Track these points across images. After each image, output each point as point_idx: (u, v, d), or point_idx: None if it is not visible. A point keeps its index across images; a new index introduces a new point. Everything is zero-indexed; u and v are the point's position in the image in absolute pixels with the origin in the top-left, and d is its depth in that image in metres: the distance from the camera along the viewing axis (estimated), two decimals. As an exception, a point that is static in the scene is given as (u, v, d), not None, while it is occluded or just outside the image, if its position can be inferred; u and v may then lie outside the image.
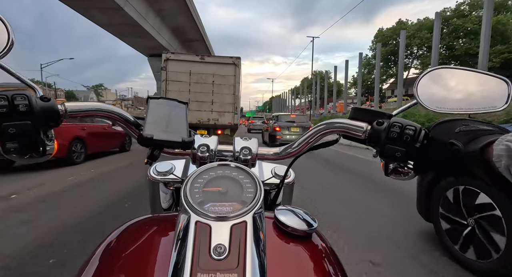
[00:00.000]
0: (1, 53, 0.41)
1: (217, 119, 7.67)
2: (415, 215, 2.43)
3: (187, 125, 0.50)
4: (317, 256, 0.40)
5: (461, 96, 0.48)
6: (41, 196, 3.48)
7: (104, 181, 4.39)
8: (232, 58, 7.55)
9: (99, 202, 3.26)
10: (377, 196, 3.60)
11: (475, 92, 0.48)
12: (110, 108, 0.50)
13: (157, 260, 0.36)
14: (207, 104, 7.64)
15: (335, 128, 0.52)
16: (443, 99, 0.48)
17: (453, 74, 0.50)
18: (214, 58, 7.61)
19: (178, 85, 7.53)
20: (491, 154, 0.36)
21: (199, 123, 7.61)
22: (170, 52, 7.57)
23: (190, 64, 7.48)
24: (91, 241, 2.16)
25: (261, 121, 21.60)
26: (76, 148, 5.95)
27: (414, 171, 0.48)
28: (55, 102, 0.43)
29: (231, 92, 7.63)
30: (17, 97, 0.38)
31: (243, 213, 0.34)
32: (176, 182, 0.61)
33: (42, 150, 0.43)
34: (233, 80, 7.59)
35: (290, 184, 0.65)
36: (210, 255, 0.30)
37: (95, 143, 6.70)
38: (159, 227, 0.45)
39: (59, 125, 0.44)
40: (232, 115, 7.68)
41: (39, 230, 2.44)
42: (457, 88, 0.48)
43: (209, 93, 7.62)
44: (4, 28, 0.42)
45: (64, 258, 1.98)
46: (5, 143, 0.39)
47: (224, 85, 7.61)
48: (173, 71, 7.48)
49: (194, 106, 7.59)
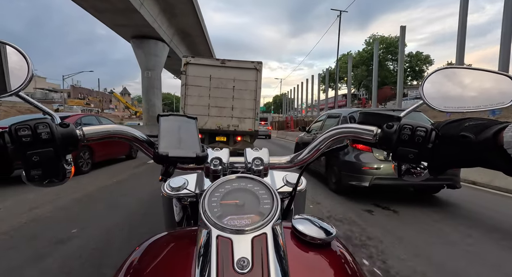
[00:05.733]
0: (22, 85, 0.42)
1: (237, 125, 7.45)
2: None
3: (199, 139, 0.51)
4: (338, 264, 0.41)
5: (468, 95, 0.48)
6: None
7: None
8: (254, 62, 7.35)
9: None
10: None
11: (482, 89, 0.48)
12: (125, 129, 0.51)
13: (181, 276, 0.36)
14: (227, 109, 7.42)
15: (345, 133, 0.52)
16: (450, 99, 0.49)
17: (458, 73, 0.50)
18: (235, 63, 7.38)
19: (198, 90, 7.30)
20: (502, 141, 0.36)
21: (219, 130, 7.39)
22: (191, 56, 7.34)
23: (210, 69, 7.26)
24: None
25: (265, 126, 19.02)
26: (83, 156, 5.56)
27: (429, 171, 0.47)
28: (74, 128, 0.44)
29: (252, 97, 7.43)
30: (39, 126, 0.39)
31: (262, 225, 0.35)
32: (190, 196, 0.62)
33: (62, 174, 0.44)
34: (254, 85, 7.39)
35: (302, 192, 0.66)
36: (234, 269, 0.30)
37: (103, 150, 6.33)
38: (180, 243, 0.45)
39: (78, 150, 0.43)
40: (252, 121, 7.47)
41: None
42: (463, 87, 0.49)
43: (229, 99, 7.40)
44: (25, 62, 0.43)
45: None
46: (30, 171, 0.40)
47: (245, 90, 7.40)
48: (193, 76, 7.24)
49: (214, 111, 7.37)
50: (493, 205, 3.87)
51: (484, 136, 0.38)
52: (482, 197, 4.31)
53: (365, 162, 3.76)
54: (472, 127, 0.41)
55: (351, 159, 3.88)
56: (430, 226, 2.95)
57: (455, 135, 0.42)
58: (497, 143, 0.36)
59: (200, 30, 23.70)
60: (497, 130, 0.37)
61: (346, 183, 3.95)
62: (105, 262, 2.03)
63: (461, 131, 0.41)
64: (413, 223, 3.04)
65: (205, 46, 28.20)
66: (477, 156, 0.40)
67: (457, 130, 0.42)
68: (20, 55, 0.43)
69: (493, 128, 0.38)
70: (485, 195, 4.41)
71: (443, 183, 3.79)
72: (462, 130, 0.41)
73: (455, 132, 0.42)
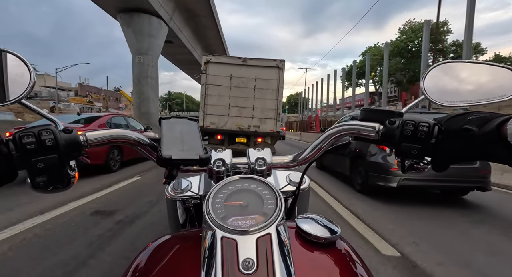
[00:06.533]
0: (24, 92, 0.42)
1: (258, 126, 7.18)
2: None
3: (201, 141, 0.50)
4: (344, 263, 0.40)
5: (469, 89, 0.47)
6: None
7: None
8: (276, 61, 7.01)
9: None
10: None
11: (483, 83, 0.47)
12: (128, 134, 0.51)
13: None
14: (247, 110, 7.18)
15: (348, 130, 0.52)
16: (451, 93, 0.48)
17: (459, 67, 0.49)
18: (256, 61, 7.07)
19: (218, 90, 7.11)
20: (506, 133, 0.35)
21: (239, 130, 7.17)
22: (211, 54, 7.15)
23: (231, 67, 7.03)
24: None
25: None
26: (113, 155, 5.75)
27: (433, 166, 0.46)
28: (77, 133, 0.44)
29: (273, 97, 7.12)
30: (43, 133, 0.39)
31: (266, 225, 0.35)
32: (193, 198, 0.62)
33: (67, 180, 0.44)
34: (276, 85, 7.06)
35: (305, 190, 0.66)
36: (239, 270, 0.30)
37: (131, 149, 6.40)
38: (186, 245, 0.46)
39: (81, 155, 0.45)
40: (274, 122, 7.17)
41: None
42: (464, 81, 0.48)
43: (250, 98, 7.14)
44: (26, 70, 0.43)
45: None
46: (35, 177, 0.40)
47: (266, 90, 7.10)
48: (213, 75, 7.06)
49: (234, 112, 7.16)
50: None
51: (488, 128, 0.37)
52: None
53: (393, 163, 3.85)
54: (475, 120, 0.40)
55: (379, 160, 3.92)
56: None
57: (458, 129, 0.41)
58: (501, 135, 0.36)
59: (208, 9, 19.49)
60: (500, 122, 0.36)
61: (373, 184, 3.98)
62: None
63: (464, 125, 0.40)
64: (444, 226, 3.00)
65: (215, 32, 24.17)
66: (481, 149, 0.39)
67: (460, 124, 0.41)
68: (21, 62, 0.43)
69: (496, 120, 0.37)
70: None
71: (473, 186, 3.74)
72: (465, 124, 0.41)
73: (458, 126, 0.41)
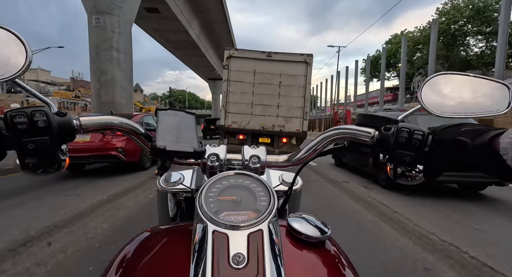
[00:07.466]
0: (19, 71, 0.41)
1: (283, 125, 6.71)
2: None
3: (197, 135, 0.50)
4: (332, 262, 0.41)
5: (465, 101, 0.48)
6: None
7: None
8: (303, 55, 6.46)
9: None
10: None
11: (478, 96, 0.48)
12: (123, 121, 0.50)
13: (176, 270, 0.36)
14: (272, 108, 6.70)
15: (343, 134, 0.52)
16: (447, 104, 0.48)
17: (455, 79, 0.50)
18: (282, 56, 6.55)
19: (241, 86, 6.67)
20: (498, 146, 0.36)
21: (263, 130, 6.73)
22: (234, 48, 6.72)
23: (254, 62, 6.55)
24: None
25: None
26: (146, 154, 5.69)
27: (424, 175, 0.47)
28: (71, 117, 0.44)
29: (300, 94, 6.59)
30: (36, 113, 0.39)
31: (259, 221, 0.35)
32: (185, 192, 0.62)
33: (57, 165, 0.43)
34: (303, 81, 6.53)
35: (298, 191, 0.68)
36: (230, 264, 0.30)
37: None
38: (175, 238, 0.45)
39: (74, 140, 0.45)
40: (300, 121, 6.66)
41: None
42: (460, 93, 0.49)
43: (275, 96, 6.66)
44: (23, 48, 0.41)
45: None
46: (24, 158, 0.39)
47: (292, 87, 6.58)
48: (236, 70, 6.61)
49: (257, 110, 6.71)
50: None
51: (480, 141, 0.38)
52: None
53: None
54: (469, 132, 0.41)
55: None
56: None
57: (452, 140, 0.42)
58: (493, 149, 0.36)
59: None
60: (493, 136, 0.37)
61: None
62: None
63: (458, 136, 0.41)
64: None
65: (221, 12, 20.65)
66: (473, 161, 0.40)
67: (454, 135, 0.42)
68: (18, 40, 0.41)
69: (490, 133, 0.38)
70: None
71: (492, 181, 3.82)
72: (458, 135, 0.41)
73: (452, 136, 0.42)
